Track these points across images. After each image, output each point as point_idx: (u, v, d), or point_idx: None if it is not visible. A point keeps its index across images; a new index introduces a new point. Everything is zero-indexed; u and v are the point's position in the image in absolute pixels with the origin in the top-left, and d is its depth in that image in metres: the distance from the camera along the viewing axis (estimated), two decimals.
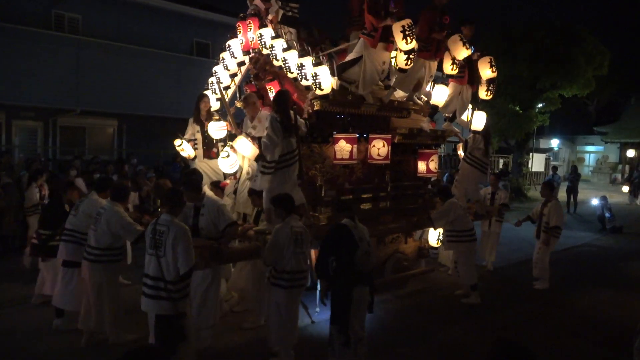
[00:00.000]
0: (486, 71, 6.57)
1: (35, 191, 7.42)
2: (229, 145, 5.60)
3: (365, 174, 6.28)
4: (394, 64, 5.59)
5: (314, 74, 5.17)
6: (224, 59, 6.54)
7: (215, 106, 6.48)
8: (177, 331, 3.70)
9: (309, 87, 5.35)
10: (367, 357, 4.19)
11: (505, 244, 9.03)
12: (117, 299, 4.60)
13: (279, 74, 6.01)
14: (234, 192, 5.80)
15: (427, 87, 6.84)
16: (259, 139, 5.08)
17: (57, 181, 7.18)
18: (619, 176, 21.61)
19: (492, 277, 7.44)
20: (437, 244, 7.14)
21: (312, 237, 5.08)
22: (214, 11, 16.35)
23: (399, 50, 5.29)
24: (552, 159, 25.75)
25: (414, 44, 5.24)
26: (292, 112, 5.10)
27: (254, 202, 5.28)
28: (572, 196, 15.18)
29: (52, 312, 4.99)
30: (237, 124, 6.06)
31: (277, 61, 5.64)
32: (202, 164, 6.01)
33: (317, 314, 5.33)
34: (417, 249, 7.09)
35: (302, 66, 5.26)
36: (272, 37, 5.66)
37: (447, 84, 6.81)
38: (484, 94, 6.75)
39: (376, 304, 4.52)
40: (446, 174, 10.93)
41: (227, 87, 6.61)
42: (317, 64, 5.21)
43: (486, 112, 7.12)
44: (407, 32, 5.09)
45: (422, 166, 6.70)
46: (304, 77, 5.28)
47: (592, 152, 30.87)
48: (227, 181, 6.00)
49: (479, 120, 6.97)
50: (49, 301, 5.16)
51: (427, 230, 6.99)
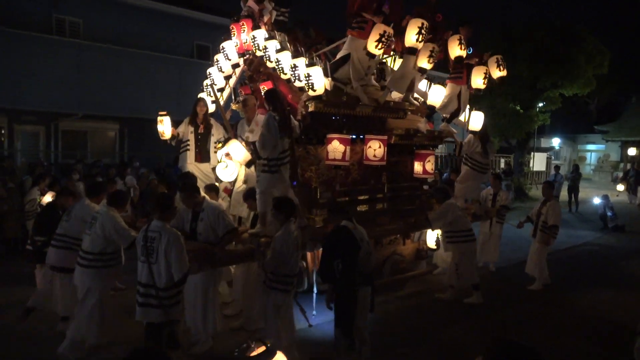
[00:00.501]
0: (495, 71, 6.52)
1: (36, 195, 7.46)
2: (224, 153, 5.57)
3: (361, 175, 6.24)
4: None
5: (306, 75, 5.14)
6: (218, 61, 6.53)
7: (211, 108, 6.48)
8: (169, 338, 3.67)
9: (302, 88, 5.33)
10: (369, 358, 4.17)
11: (506, 244, 8.96)
12: (103, 305, 4.39)
13: (273, 76, 5.98)
14: (230, 194, 5.78)
15: (424, 88, 6.82)
16: (253, 143, 5.05)
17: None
18: (621, 174, 21.48)
19: (492, 277, 7.39)
20: (435, 245, 7.07)
21: (307, 239, 5.09)
22: (214, 14, 16.35)
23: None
24: (553, 158, 25.60)
25: (380, 52, 5.44)
26: (287, 111, 5.09)
27: (250, 207, 5.23)
28: (573, 195, 15.08)
29: (55, 315, 4.94)
30: (232, 126, 6.06)
31: (271, 62, 5.62)
32: (192, 167, 6.00)
33: (314, 316, 5.28)
34: (415, 251, 7.06)
35: (295, 67, 5.23)
36: (266, 39, 5.64)
37: (444, 85, 6.77)
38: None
39: (377, 305, 4.50)
40: (445, 175, 10.81)
41: (221, 89, 6.61)
42: (310, 64, 5.18)
43: (486, 111, 7.06)
44: (382, 39, 5.27)
45: (418, 167, 6.66)
46: (297, 78, 5.25)
47: (593, 150, 30.67)
48: (228, 185, 5.95)
49: (476, 120, 6.92)
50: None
51: (425, 231, 6.95)
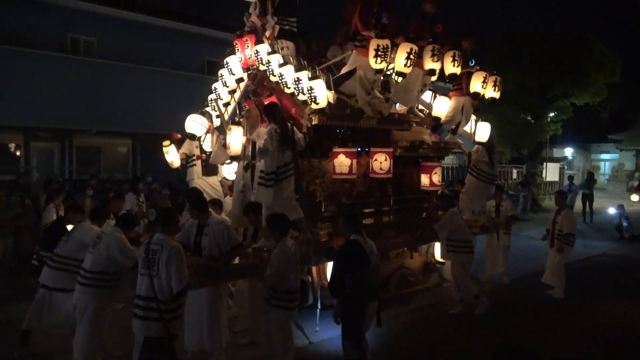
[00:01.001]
0: (490, 90, 6.48)
1: (52, 211, 7.55)
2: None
3: (367, 187, 6.21)
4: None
5: (309, 88, 5.15)
6: (222, 76, 6.61)
7: (215, 123, 6.54)
8: (168, 353, 3.62)
9: (306, 102, 5.35)
10: None
11: (519, 255, 8.82)
12: (99, 325, 4.30)
13: (277, 90, 6.03)
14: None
15: (428, 99, 6.79)
16: (253, 144, 5.06)
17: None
18: (636, 184, 20.98)
19: (506, 289, 7.24)
20: (442, 259, 6.96)
21: (311, 253, 5.06)
22: (224, 30, 16.62)
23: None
24: (566, 168, 25.14)
25: (383, 66, 5.24)
26: (289, 124, 5.10)
27: (251, 221, 5.20)
28: (587, 203, 14.74)
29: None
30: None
31: (274, 76, 5.66)
32: (200, 182, 6.04)
33: (317, 333, 5.18)
34: (423, 264, 6.95)
35: (298, 80, 5.26)
36: (269, 53, 5.69)
37: (448, 96, 6.73)
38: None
39: (385, 319, 4.44)
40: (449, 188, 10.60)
41: (227, 104, 6.68)
42: (313, 77, 5.19)
43: (496, 121, 6.99)
44: (379, 53, 5.11)
45: (425, 179, 6.60)
46: (300, 91, 5.27)
47: (607, 160, 29.86)
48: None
49: (482, 131, 6.86)
50: None
51: (434, 244, 6.87)
